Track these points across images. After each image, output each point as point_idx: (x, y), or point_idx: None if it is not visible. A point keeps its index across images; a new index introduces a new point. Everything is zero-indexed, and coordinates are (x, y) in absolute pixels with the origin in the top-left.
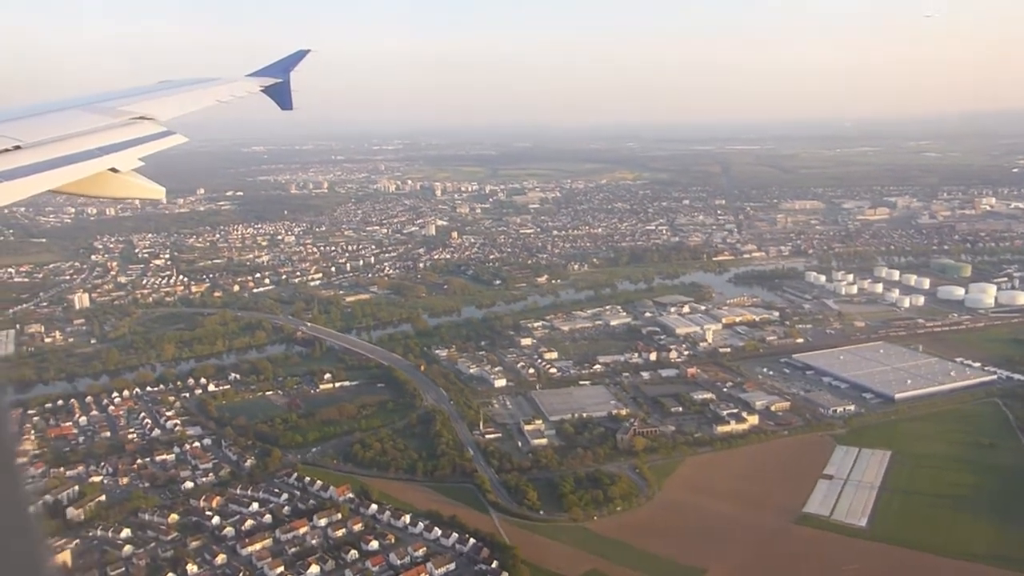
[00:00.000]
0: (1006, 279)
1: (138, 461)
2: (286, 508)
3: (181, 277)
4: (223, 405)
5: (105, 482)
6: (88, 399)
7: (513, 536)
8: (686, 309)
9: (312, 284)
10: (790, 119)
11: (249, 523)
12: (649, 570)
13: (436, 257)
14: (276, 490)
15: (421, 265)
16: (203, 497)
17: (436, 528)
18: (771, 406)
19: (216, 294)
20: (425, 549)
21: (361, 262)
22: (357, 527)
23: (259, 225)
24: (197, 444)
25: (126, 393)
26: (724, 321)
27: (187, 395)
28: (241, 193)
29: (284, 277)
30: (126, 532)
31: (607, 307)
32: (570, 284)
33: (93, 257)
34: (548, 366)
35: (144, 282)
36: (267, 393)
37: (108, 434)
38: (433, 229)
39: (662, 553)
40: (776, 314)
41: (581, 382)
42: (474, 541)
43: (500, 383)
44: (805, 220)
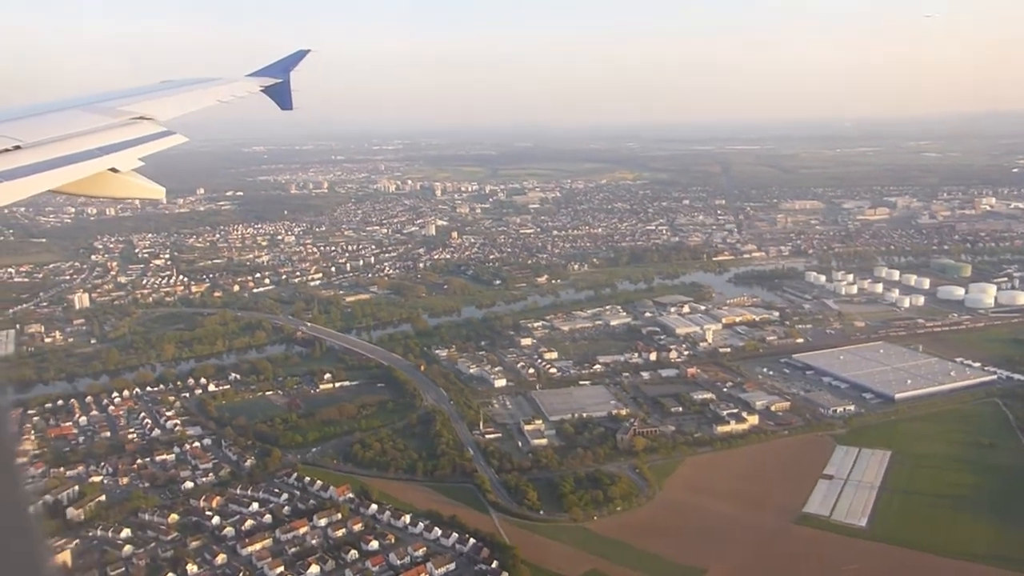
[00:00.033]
0: (1006, 279)
1: (138, 461)
2: (286, 508)
3: (181, 277)
4: (223, 405)
5: (105, 482)
6: (88, 399)
7: (513, 536)
8: (686, 309)
9: (312, 284)
10: (790, 119)
11: (249, 523)
12: (649, 570)
13: (436, 257)
14: (276, 490)
15: (421, 265)
16: (203, 497)
17: (436, 528)
18: (771, 406)
19: (216, 294)
20: (425, 549)
21: (361, 262)
22: (357, 527)
23: (259, 225)
24: (197, 444)
25: (126, 393)
26: (724, 321)
27: (187, 395)
28: (241, 193)
29: (284, 277)
30: (126, 532)
31: (607, 307)
32: (570, 284)
33: (93, 257)
34: (548, 366)
35: (144, 282)
36: (267, 393)
37: (108, 434)
38: (433, 229)
39: (662, 553)
40: (776, 314)
41: (581, 382)
42: (474, 541)
43: (500, 383)
44: (805, 220)
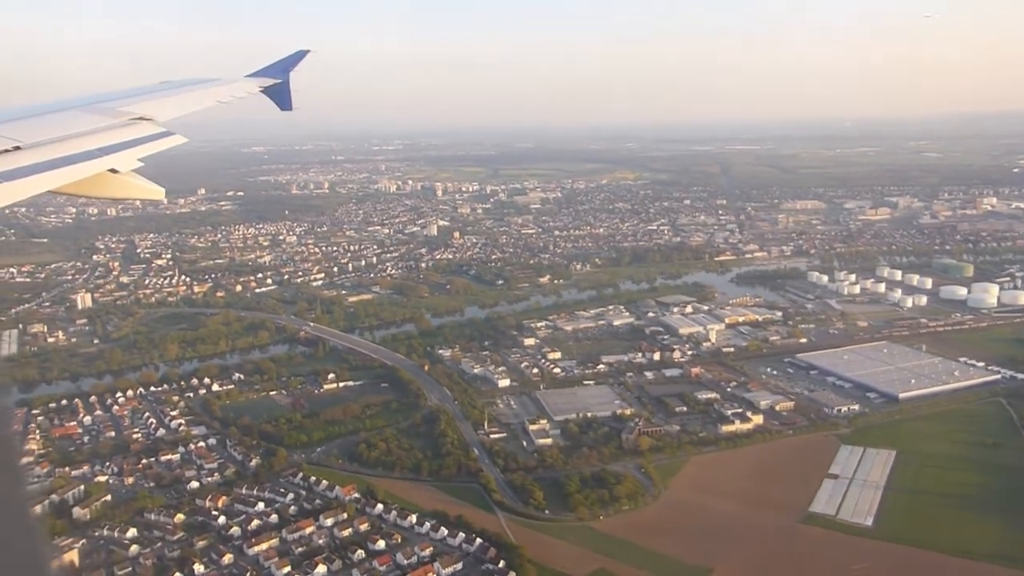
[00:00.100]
0: (1008, 279)
1: (143, 461)
2: (292, 508)
3: (183, 277)
4: (227, 405)
5: (110, 482)
6: (92, 399)
7: (519, 536)
8: (689, 309)
9: (314, 284)
10: (790, 119)
11: (255, 523)
12: (655, 569)
13: (438, 257)
14: (282, 490)
15: (423, 265)
16: (209, 497)
17: (442, 528)
18: (775, 406)
19: (218, 294)
20: (432, 549)
21: (363, 262)
22: (363, 527)
23: (260, 225)
24: (202, 444)
25: (130, 393)
26: (727, 321)
27: (191, 395)
28: (242, 193)
29: (286, 277)
30: (132, 532)
31: (610, 307)
32: (572, 284)
33: (95, 257)
34: (552, 366)
35: (146, 282)
36: (271, 393)
37: (112, 434)
38: (435, 229)
39: (668, 553)
40: (779, 314)
41: (585, 382)
42: (481, 541)
43: (504, 383)
44: (806, 220)
